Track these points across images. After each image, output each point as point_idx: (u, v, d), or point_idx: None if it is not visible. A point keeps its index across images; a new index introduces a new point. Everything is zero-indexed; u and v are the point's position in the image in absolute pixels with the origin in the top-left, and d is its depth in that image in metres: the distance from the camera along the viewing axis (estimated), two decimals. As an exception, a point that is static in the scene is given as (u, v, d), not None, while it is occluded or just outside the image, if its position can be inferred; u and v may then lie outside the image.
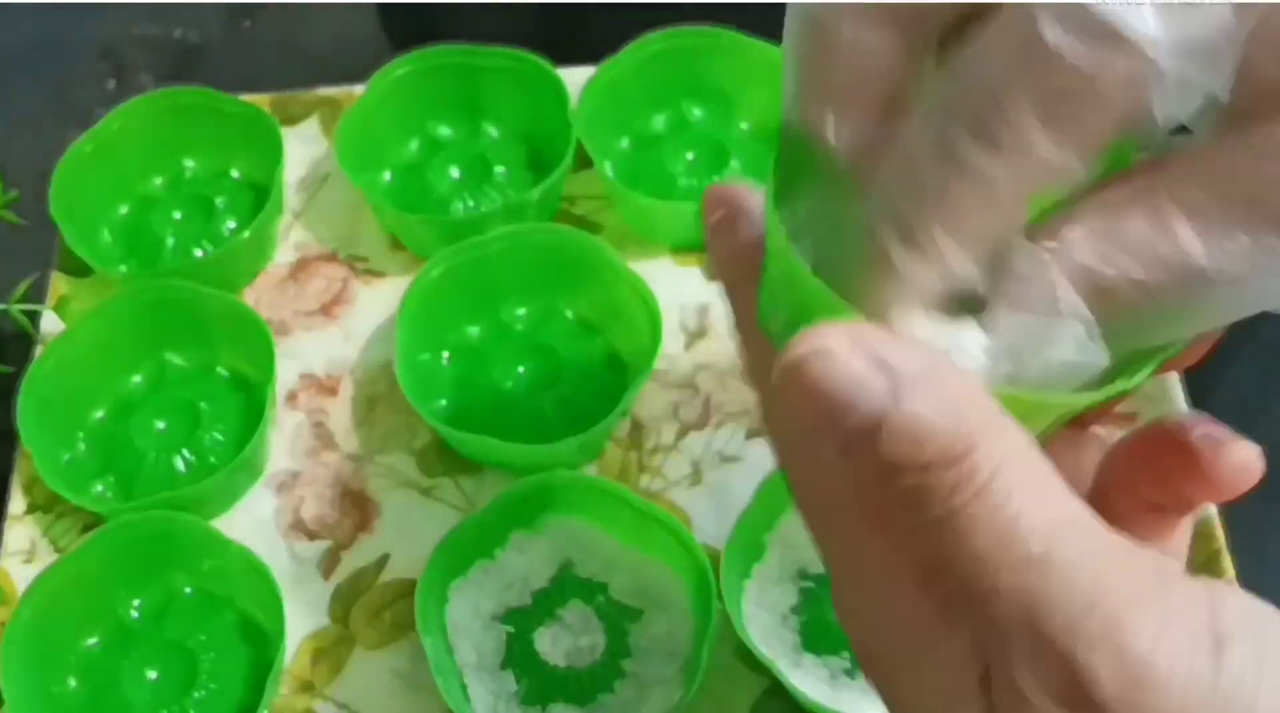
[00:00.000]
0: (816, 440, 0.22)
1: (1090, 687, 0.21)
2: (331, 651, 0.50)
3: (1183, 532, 0.28)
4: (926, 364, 0.22)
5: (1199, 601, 0.22)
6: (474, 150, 0.61)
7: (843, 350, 0.21)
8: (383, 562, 0.51)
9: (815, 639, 0.48)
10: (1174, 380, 0.53)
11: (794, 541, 0.50)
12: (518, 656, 0.48)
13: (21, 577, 0.51)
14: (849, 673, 0.47)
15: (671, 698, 0.46)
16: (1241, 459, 0.27)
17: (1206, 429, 0.27)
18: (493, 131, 0.62)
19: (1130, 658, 0.21)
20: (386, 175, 0.61)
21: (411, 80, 0.60)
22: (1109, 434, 0.30)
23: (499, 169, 0.60)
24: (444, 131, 0.62)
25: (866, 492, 0.23)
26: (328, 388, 0.56)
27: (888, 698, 0.26)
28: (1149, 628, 0.21)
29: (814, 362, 0.22)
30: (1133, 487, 0.28)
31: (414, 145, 0.62)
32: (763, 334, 0.27)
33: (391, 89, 0.60)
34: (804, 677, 0.46)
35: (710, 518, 0.51)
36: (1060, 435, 0.27)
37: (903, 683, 0.25)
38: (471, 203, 0.59)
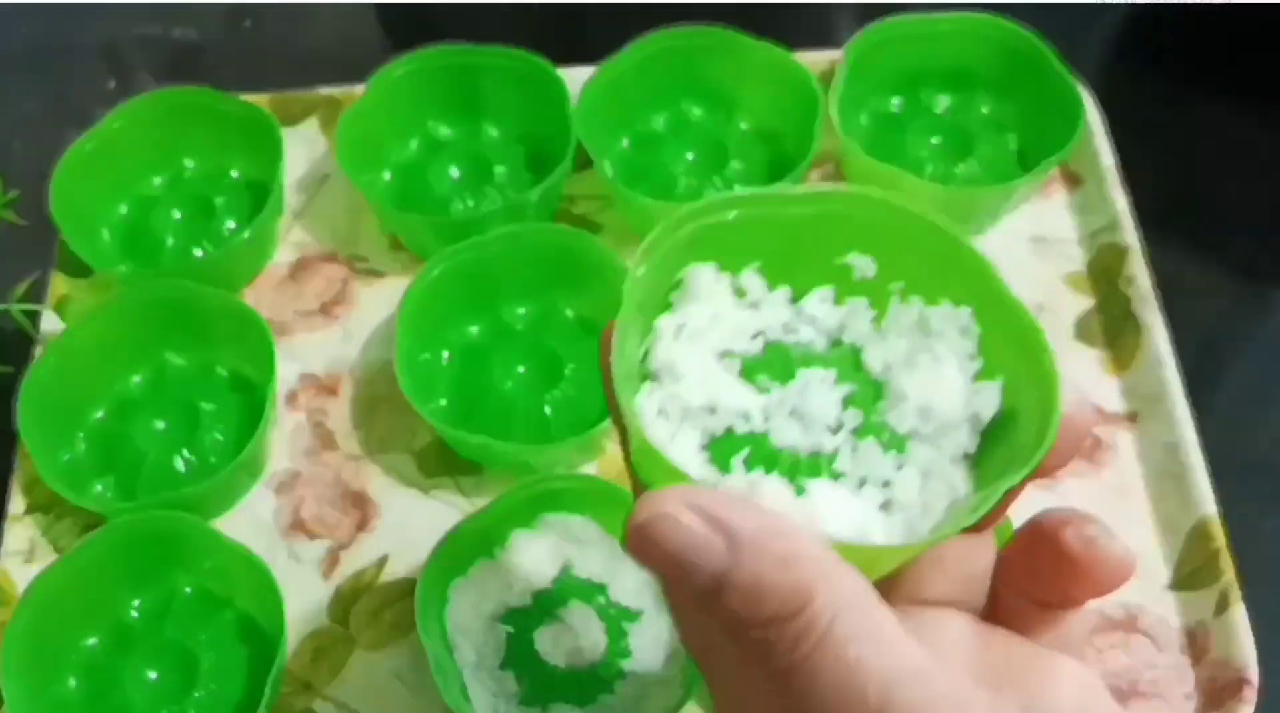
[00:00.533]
0: (676, 594, 0.24)
1: None
2: (331, 651, 0.50)
3: (1074, 621, 0.29)
4: (762, 522, 0.23)
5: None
6: (474, 150, 0.61)
7: (680, 514, 0.23)
8: (383, 562, 0.51)
9: (815, 639, 0.48)
10: (1174, 381, 0.53)
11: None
12: (518, 656, 0.48)
13: (21, 577, 0.51)
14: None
15: (671, 698, 0.46)
16: (1115, 557, 0.27)
17: (1079, 529, 0.27)
18: (493, 131, 0.62)
19: None
20: (386, 175, 0.61)
21: (411, 80, 0.60)
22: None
23: (499, 169, 0.60)
24: (444, 131, 0.62)
25: (730, 638, 0.24)
26: (328, 388, 0.56)
27: None
28: None
29: (655, 525, 0.23)
30: (1018, 586, 0.29)
31: (414, 145, 0.62)
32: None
33: (391, 89, 0.60)
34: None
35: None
36: (955, 540, 0.28)
37: None
38: (471, 203, 0.59)
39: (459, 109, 0.61)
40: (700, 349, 0.29)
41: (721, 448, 0.28)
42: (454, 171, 0.60)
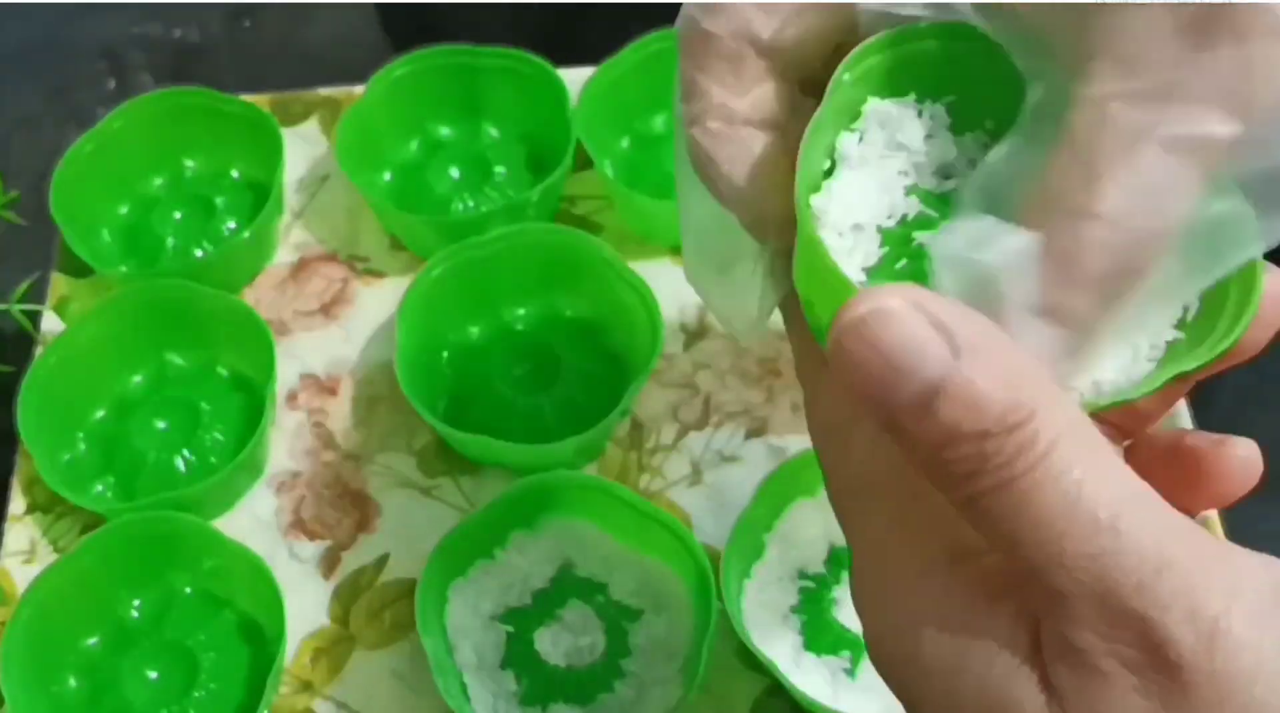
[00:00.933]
0: (869, 408, 0.22)
1: (1166, 647, 0.21)
2: (331, 650, 0.50)
3: None
4: (986, 332, 0.21)
5: (1264, 567, 0.22)
6: (474, 150, 0.61)
7: (903, 311, 0.21)
8: (383, 562, 0.51)
9: (815, 639, 0.48)
10: (1174, 380, 0.53)
11: (794, 540, 0.50)
12: (517, 656, 0.48)
13: (21, 577, 0.51)
14: (849, 673, 0.47)
15: (671, 698, 0.46)
16: (1244, 453, 0.27)
17: (1200, 434, 0.27)
18: (493, 132, 0.62)
19: (1205, 618, 0.21)
20: (386, 175, 0.61)
21: (411, 80, 0.60)
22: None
23: (499, 169, 0.60)
24: (444, 132, 0.62)
25: (916, 463, 0.23)
26: (328, 388, 0.56)
27: (914, 695, 0.26)
28: (1221, 590, 0.21)
29: (874, 321, 0.21)
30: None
31: (414, 145, 0.62)
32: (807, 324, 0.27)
33: (391, 89, 0.60)
34: (804, 677, 0.46)
35: (710, 518, 0.51)
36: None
37: (936, 674, 0.25)
38: (471, 203, 0.59)
39: (459, 109, 0.61)
40: (885, 172, 0.27)
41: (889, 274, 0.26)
42: (454, 172, 0.60)
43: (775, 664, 0.45)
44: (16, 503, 0.53)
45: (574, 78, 0.59)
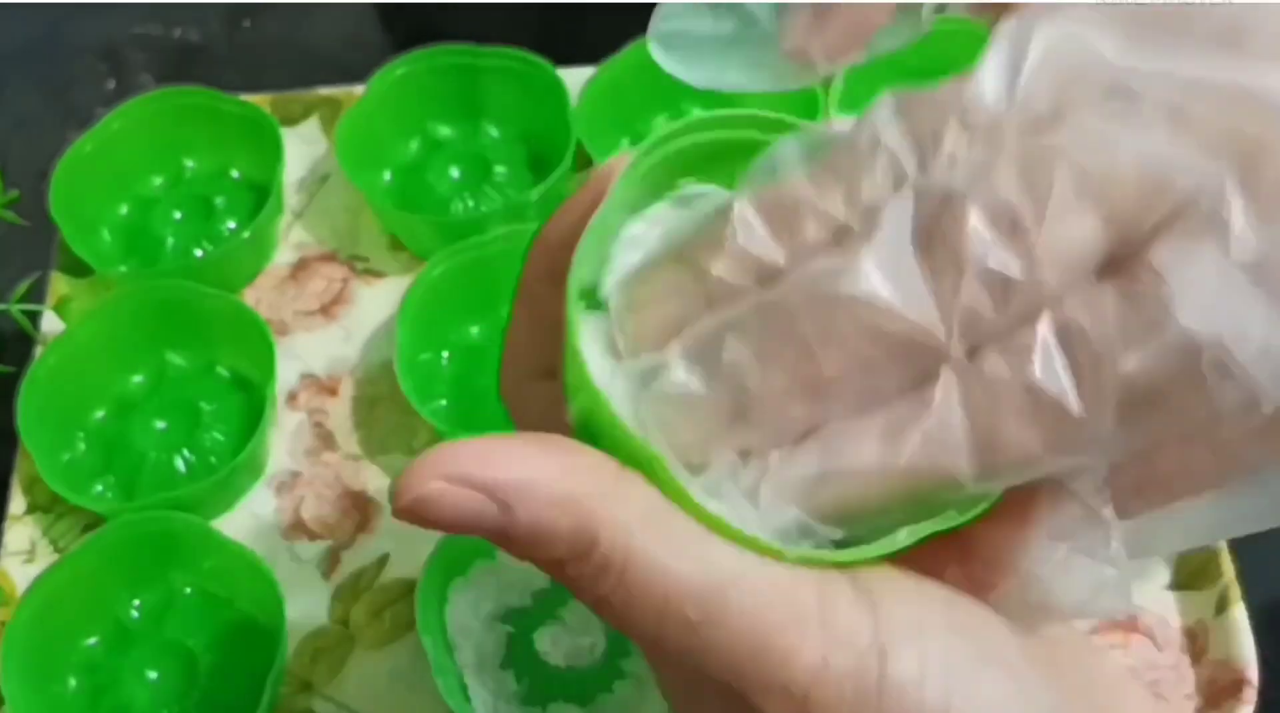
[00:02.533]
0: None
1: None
2: (331, 650, 0.50)
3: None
4: (529, 467, 0.22)
5: (862, 619, 0.22)
6: (474, 150, 0.61)
7: (443, 492, 0.22)
8: (383, 562, 0.51)
9: (815, 639, 0.48)
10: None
11: (794, 540, 0.50)
12: (518, 655, 0.48)
13: (21, 577, 0.51)
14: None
15: (671, 698, 0.46)
16: None
17: None
18: (493, 132, 0.62)
19: (796, 691, 0.21)
20: (386, 175, 0.61)
21: (411, 80, 0.60)
22: None
23: (499, 169, 0.60)
24: (444, 131, 0.62)
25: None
26: (328, 388, 0.56)
27: None
28: (813, 658, 0.21)
29: (420, 509, 0.23)
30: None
31: (414, 145, 0.62)
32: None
33: (391, 89, 0.60)
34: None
35: (710, 518, 0.51)
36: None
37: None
38: (471, 203, 0.59)
39: (459, 109, 0.61)
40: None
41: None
42: (454, 172, 0.60)
43: (775, 664, 0.45)
44: (16, 503, 0.53)
45: (574, 77, 0.59)
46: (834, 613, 0.22)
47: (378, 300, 0.58)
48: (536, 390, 0.27)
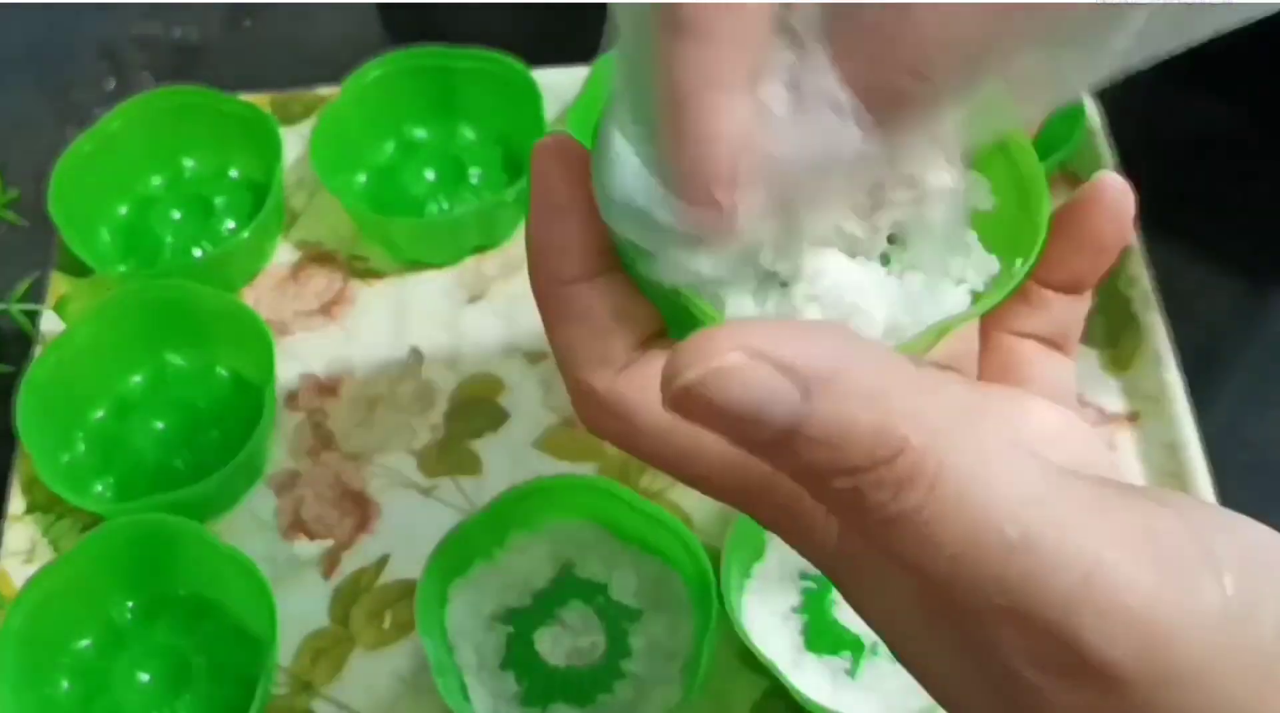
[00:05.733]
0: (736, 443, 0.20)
1: (1100, 662, 0.20)
2: (331, 651, 0.50)
3: (1065, 366, 0.27)
4: (834, 356, 0.19)
5: (1187, 538, 0.21)
6: (449, 152, 0.61)
7: (741, 365, 0.19)
8: (383, 562, 0.51)
9: (815, 639, 0.48)
10: (1174, 381, 0.53)
11: (794, 541, 0.50)
12: (518, 656, 0.48)
13: (21, 577, 0.51)
14: (849, 673, 0.47)
15: (671, 698, 0.46)
16: (1105, 181, 0.26)
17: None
18: (468, 133, 0.62)
19: (1139, 618, 0.20)
20: (361, 177, 0.61)
21: (386, 82, 0.60)
22: None
23: (474, 171, 0.60)
24: (419, 133, 0.62)
25: (810, 489, 0.21)
26: (328, 388, 0.56)
27: (919, 678, 0.25)
28: (1148, 582, 0.20)
29: (709, 383, 0.19)
30: (1002, 318, 0.27)
31: (389, 147, 0.61)
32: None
33: (366, 91, 0.60)
34: (804, 677, 0.46)
35: (710, 518, 0.51)
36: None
37: (923, 668, 0.24)
38: (447, 205, 0.59)
39: (434, 111, 0.61)
40: None
41: None
42: (429, 174, 0.60)
43: (775, 665, 0.45)
44: (16, 503, 0.53)
45: (574, 78, 0.59)
46: (1156, 533, 0.21)
47: (378, 300, 0.58)
48: (574, 292, 0.25)
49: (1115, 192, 0.26)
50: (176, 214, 0.60)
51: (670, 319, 0.25)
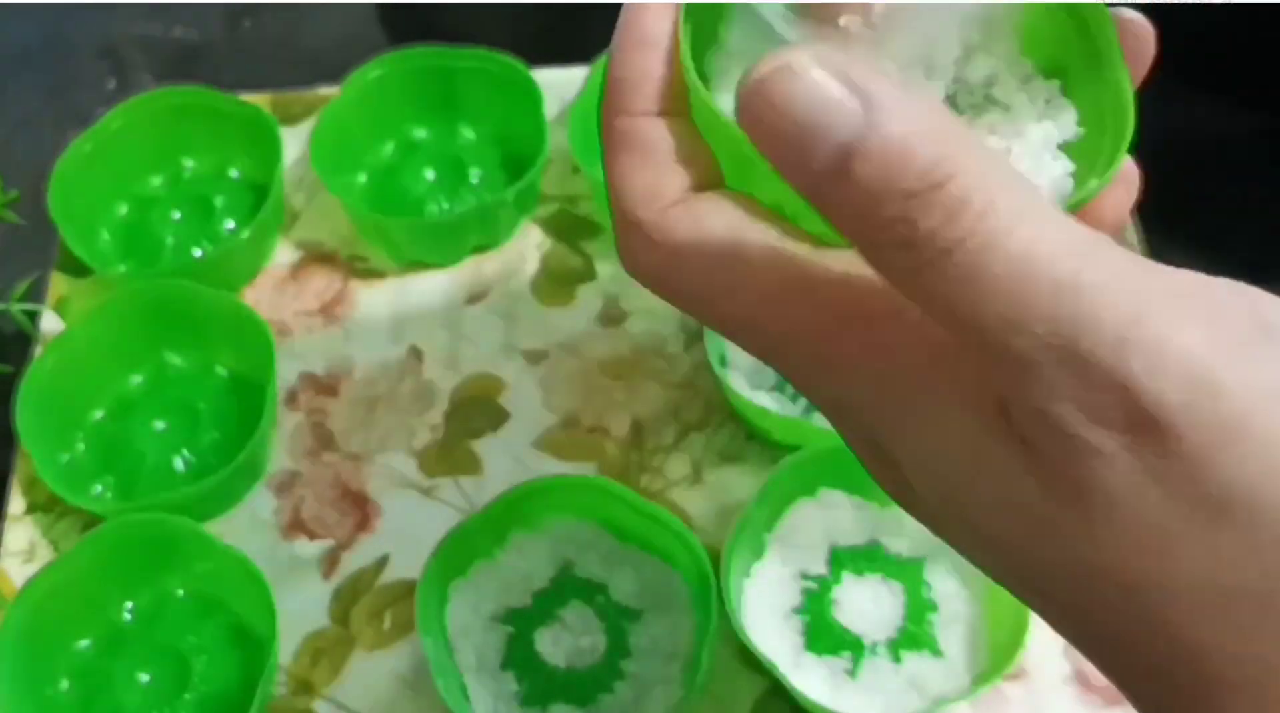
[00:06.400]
0: (789, 177, 0.21)
1: (1153, 407, 0.19)
2: (331, 651, 0.50)
3: None
4: (899, 87, 0.20)
5: (1238, 296, 0.21)
6: (449, 152, 0.61)
7: (809, 68, 0.20)
8: (383, 562, 0.51)
9: (815, 639, 0.48)
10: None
11: (794, 541, 0.50)
12: (518, 656, 0.48)
13: (21, 577, 0.51)
14: (849, 673, 0.47)
15: (671, 698, 0.46)
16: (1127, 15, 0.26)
17: None
18: (468, 133, 0.62)
19: (1191, 360, 0.19)
20: (362, 178, 0.61)
21: (386, 82, 0.60)
22: None
23: (474, 170, 0.60)
24: (419, 133, 0.62)
25: (850, 239, 0.21)
26: (328, 388, 0.56)
27: (896, 471, 0.24)
28: (1200, 329, 0.20)
29: (778, 79, 0.20)
30: None
31: (389, 147, 0.61)
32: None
33: (366, 91, 0.60)
34: (804, 677, 0.46)
35: (710, 518, 0.51)
36: None
37: (910, 444, 0.23)
38: (447, 204, 0.59)
39: (434, 111, 0.61)
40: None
41: None
42: (429, 173, 0.60)
43: (775, 665, 0.45)
44: (16, 503, 0.53)
45: (574, 78, 0.59)
46: (1208, 286, 0.21)
47: (378, 300, 0.58)
48: (641, 125, 0.25)
49: (1137, 27, 0.26)
50: (176, 214, 0.60)
51: (731, 170, 0.25)
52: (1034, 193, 0.20)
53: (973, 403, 0.21)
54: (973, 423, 0.21)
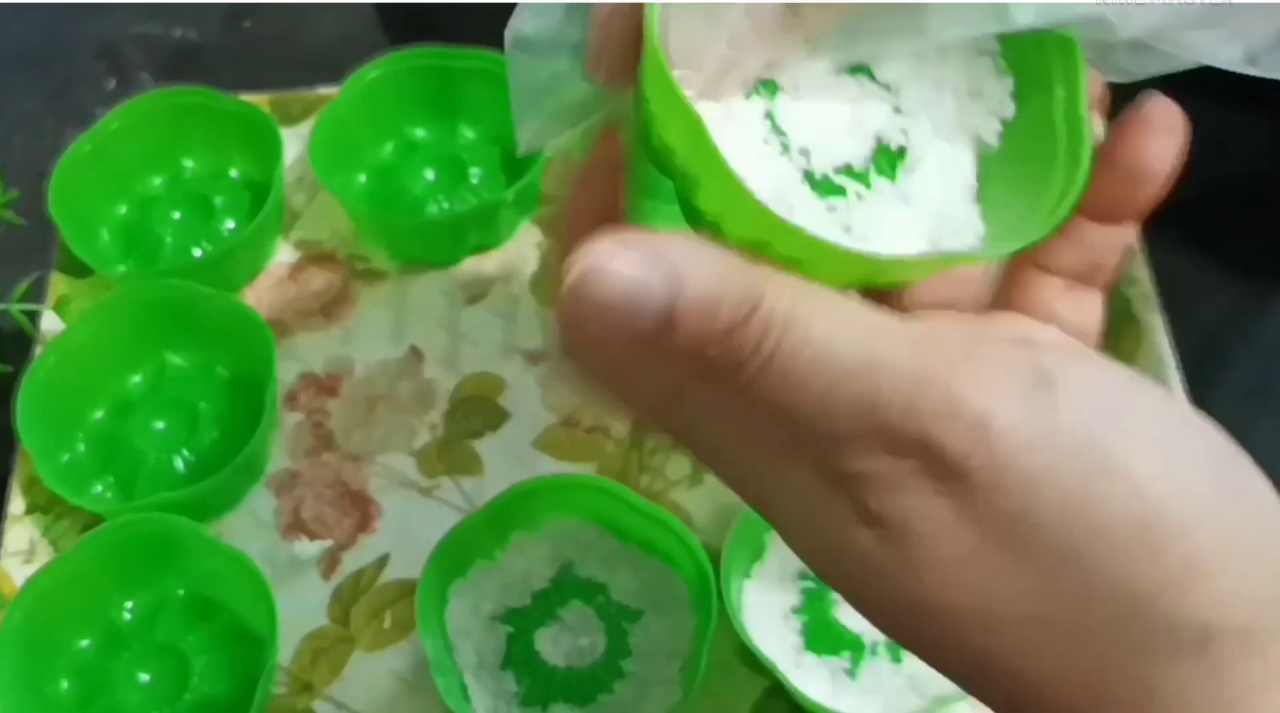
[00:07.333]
0: (624, 347, 0.23)
1: (945, 455, 0.22)
2: (331, 651, 0.50)
3: (1092, 304, 0.28)
4: (691, 245, 0.23)
5: (1019, 352, 0.23)
6: (449, 152, 0.61)
7: (612, 260, 0.22)
8: (383, 562, 0.51)
9: (816, 639, 0.48)
10: (1174, 381, 0.53)
11: (794, 541, 0.50)
12: (518, 656, 0.48)
13: (21, 577, 0.51)
14: (850, 674, 0.47)
15: (671, 698, 0.46)
16: (1149, 104, 0.27)
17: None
18: (468, 133, 0.62)
19: (969, 414, 0.22)
20: (361, 178, 0.61)
21: (386, 82, 0.60)
22: None
23: (474, 170, 0.60)
24: (419, 133, 0.62)
25: (690, 379, 0.24)
26: (328, 388, 0.56)
27: (766, 516, 0.27)
28: (979, 385, 0.22)
29: (590, 283, 0.22)
30: (1033, 255, 0.27)
31: (389, 147, 0.61)
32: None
33: (366, 91, 0.60)
34: (804, 677, 0.46)
35: (710, 518, 0.51)
36: None
37: (777, 509, 0.26)
38: (447, 204, 0.59)
39: (434, 111, 0.61)
40: None
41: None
42: (429, 173, 0.60)
43: (775, 665, 0.45)
44: (16, 503, 0.53)
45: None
46: (988, 348, 0.23)
47: (378, 300, 0.58)
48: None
49: (1164, 112, 0.27)
50: (176, 214, 0.60)
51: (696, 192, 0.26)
52: (821, 293, 0.23)
53: (816, 469, 0.24)
54: (818, 486, 0.24)
